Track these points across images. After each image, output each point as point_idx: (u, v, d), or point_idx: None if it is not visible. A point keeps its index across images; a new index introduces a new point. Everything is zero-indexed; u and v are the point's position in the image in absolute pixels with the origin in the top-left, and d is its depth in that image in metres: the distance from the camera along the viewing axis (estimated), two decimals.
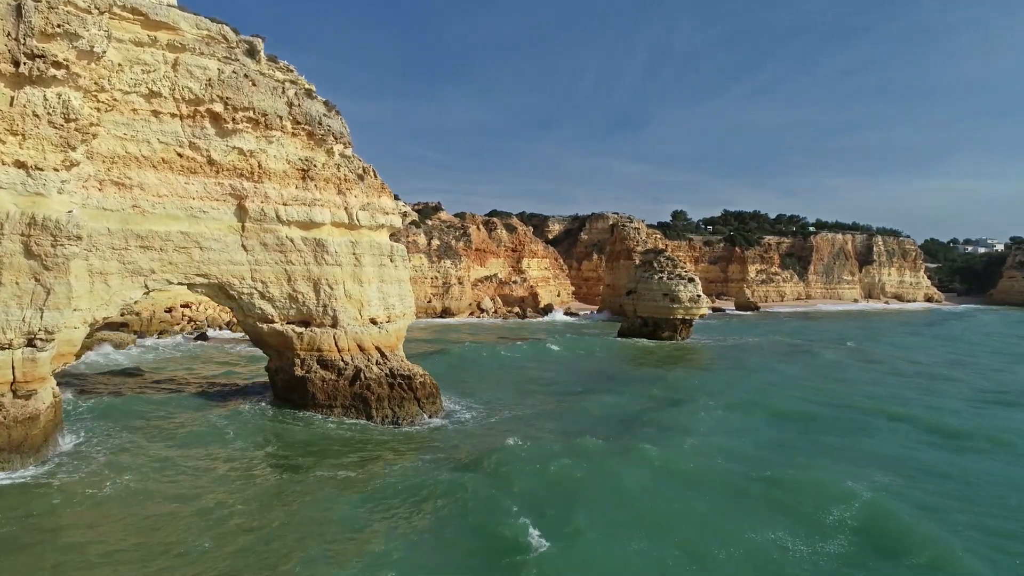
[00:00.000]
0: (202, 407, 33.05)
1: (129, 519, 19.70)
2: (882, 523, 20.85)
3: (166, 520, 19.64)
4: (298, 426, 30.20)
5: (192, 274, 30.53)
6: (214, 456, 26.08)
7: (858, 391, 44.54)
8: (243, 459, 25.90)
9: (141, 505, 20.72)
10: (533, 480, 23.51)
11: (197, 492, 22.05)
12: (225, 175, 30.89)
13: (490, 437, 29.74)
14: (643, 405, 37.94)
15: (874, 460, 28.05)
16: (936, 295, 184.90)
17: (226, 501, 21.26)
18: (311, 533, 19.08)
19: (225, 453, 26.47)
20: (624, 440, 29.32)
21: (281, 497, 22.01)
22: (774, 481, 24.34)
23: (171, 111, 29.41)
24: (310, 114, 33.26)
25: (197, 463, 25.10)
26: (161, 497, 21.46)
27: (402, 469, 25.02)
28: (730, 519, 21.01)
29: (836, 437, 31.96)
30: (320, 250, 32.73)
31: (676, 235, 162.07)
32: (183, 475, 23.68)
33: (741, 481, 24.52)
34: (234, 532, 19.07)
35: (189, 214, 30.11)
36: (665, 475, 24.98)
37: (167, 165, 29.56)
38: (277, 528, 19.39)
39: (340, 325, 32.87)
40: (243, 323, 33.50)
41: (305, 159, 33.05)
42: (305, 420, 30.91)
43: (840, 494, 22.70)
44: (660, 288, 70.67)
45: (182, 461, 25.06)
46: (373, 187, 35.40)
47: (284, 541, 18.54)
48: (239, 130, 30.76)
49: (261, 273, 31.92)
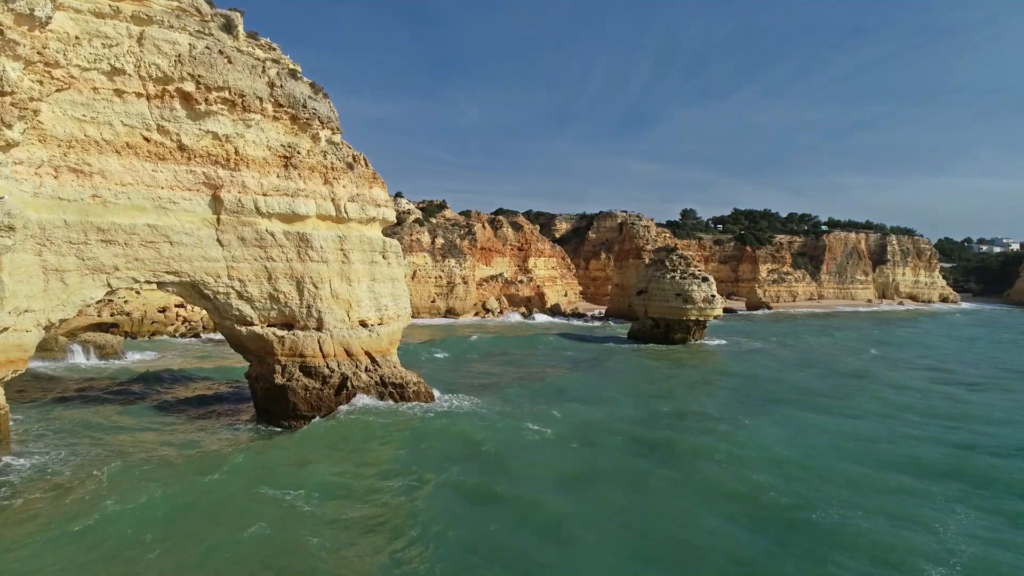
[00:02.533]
0: (167, 424, 29.97)
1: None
2: None
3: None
4: (270, 444, 27.03)
5: (161, 271, 27.58)
6: (154, 478, 22.81)
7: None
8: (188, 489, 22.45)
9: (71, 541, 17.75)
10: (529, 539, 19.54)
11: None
12: (198, 162, 27.91)
13: (484, 453, 26.67)
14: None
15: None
16: (951, 295, 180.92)
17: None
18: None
19: (172, 480, 23.09)
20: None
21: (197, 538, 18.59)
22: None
23: (136, 90, 26.48)
24: (293, 96, 30.27)
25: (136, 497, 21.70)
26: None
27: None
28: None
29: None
30: (304, 245, 29.72)
31: (686, 234, 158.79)
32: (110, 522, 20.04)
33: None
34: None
35: (157, 205, 27.15)
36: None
37: (132, 150, 26.61)
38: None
39: (326, 328, 29.84)
40: (220, 326, 30.51)
41: (288, 145, 30.06)
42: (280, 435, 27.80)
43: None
44: (672, 288, 67.38)
45: (114, 502, 21.39)
46: (364, 177, 32.37)
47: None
48: (213, 112, 27.79)
49: (238, 270, 28.94)
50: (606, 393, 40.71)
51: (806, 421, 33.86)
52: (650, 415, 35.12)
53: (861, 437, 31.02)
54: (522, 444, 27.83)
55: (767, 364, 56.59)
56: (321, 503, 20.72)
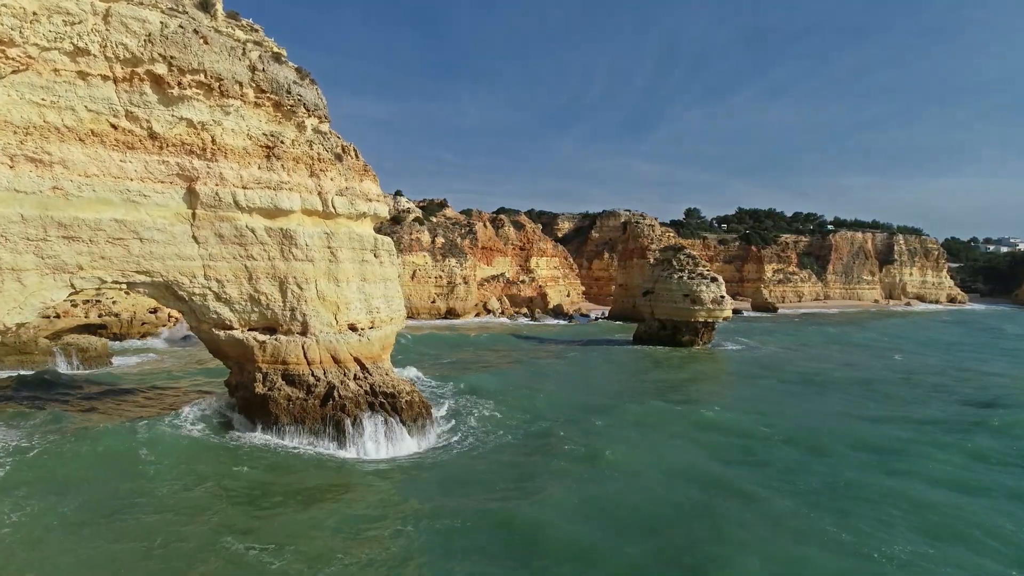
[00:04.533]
0: (132, 431, 27.62)
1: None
2: None
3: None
4: (245, 459, 24.63)
5: (131, 271, 25.25)
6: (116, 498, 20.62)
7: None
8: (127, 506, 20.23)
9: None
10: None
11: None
12: (171, 151, 25.57)
13: (482, 479, 23.95)
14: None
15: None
16: (959, 296, 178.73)
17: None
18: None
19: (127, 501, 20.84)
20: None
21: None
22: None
23: (102, 72, 24.11)
24: (277, 81, 27.92)
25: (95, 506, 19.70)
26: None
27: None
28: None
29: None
30: (288, 242, 27.37)
31: (690, 233, 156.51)
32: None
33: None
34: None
35: (126, 198, 24.80)
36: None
37: (97, 138, 24.27)
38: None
39: (311, 332, 27.48)
40: (197, 330, 28.19)
41: (270, 134, 27.72)
42: (258, 449, 25.41)
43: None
44: (680, 288, 64.98)
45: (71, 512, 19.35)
46: (354, 169, 30.02)
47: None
48: (187, 97, 25.43)
49: (216, 270, 26.61)
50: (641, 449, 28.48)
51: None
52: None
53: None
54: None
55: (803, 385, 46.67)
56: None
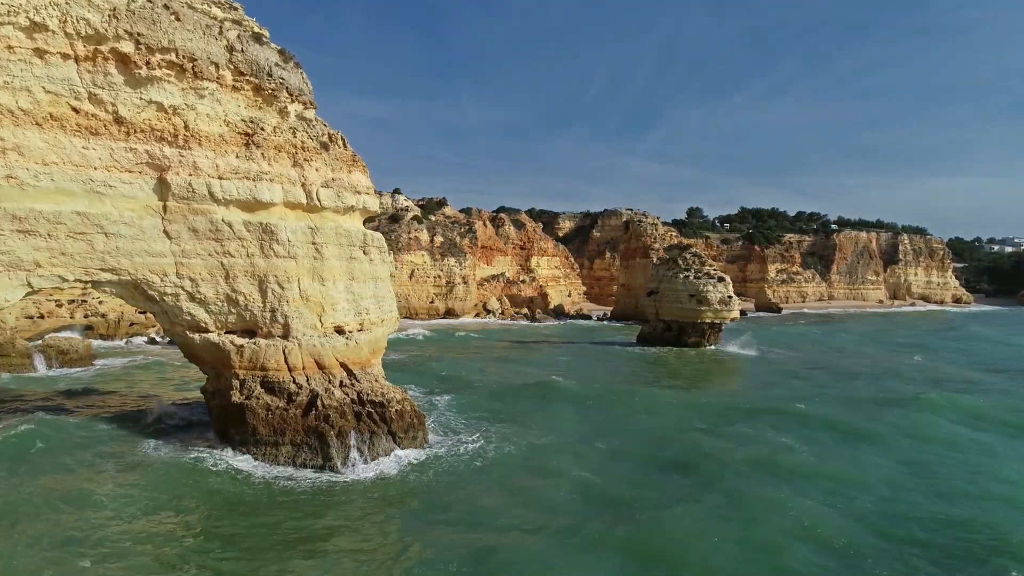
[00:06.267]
0: (90, 442, 25.49)
1: None
2: None
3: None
4: (212, 477, 22.40)
5: (95, 268, 23.06)
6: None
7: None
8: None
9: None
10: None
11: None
12: (139, 138, 23.38)
13: (477, 506, 21.34)
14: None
15: None
16: (965, 296, 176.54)
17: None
18: None
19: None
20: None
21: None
22: None
23: (62, 50, 21.93)
24: (257, 63, 25.74)
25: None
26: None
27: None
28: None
29: None
30: (268, 238, 25.18)
31: (692, 232, 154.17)
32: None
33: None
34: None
35: (89, 189, 22.60)
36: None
37: (57, 123, 22.07)
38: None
39: (293, 335, 25.28)
40: (170, 332, 26.04)
41: (250, 120, 25.53)
42: (231, 467, 23.21)
43: None
44: (686, 288, 62.79)
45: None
46: (341, 159, 27.83)
47: None
48: (157, 78, 23.24)
49: (190, 267, 24.42)
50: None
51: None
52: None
53: None
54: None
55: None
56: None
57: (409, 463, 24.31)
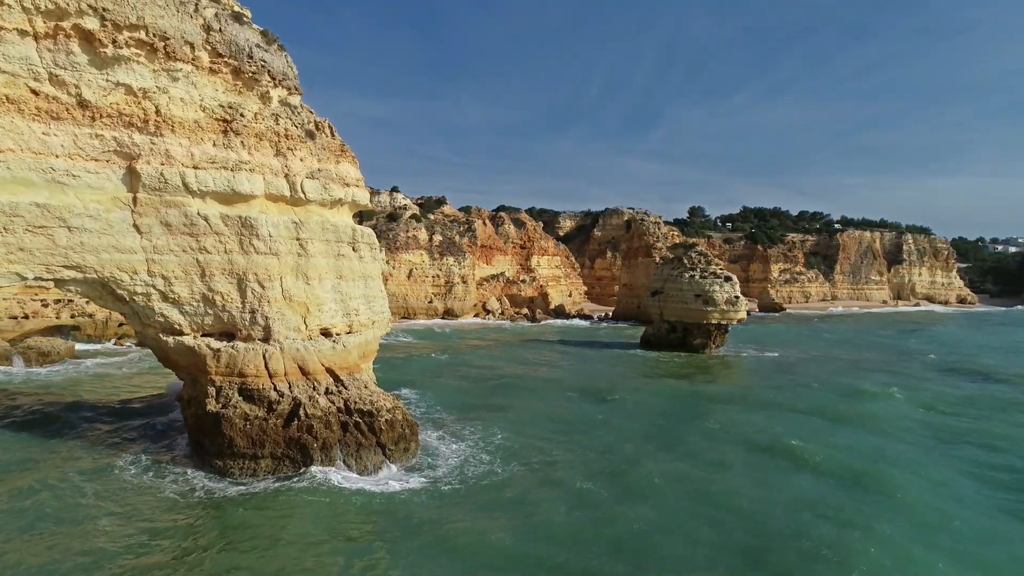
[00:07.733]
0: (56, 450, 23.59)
1: None
2: None
3: None
4: (176, 496, 20.43)
5: (57, 265, 21.13)
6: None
7: None
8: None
9: None
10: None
11: None
12: (105, 123, 21.43)
13: (472, 528, 19.16)
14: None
15: None
16: (969, 296, 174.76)
17: None
18: None
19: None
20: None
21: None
22: None
23: (19, 26, 19.98)
24: (236, 43, 23.80)
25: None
26: None
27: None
28: None
29: None
30: (248, 233, 23.24)
31: (694, 232, 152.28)
32: None
33: None
34: None
35: (50, 179, 20.66)
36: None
37: (14, 106, 20.12)
38: None
39: (274, 339, 23.33)
40: (142, 335, 24.09)
41: (228, 105, 23.59)
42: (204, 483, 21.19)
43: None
44: (692, 288, 60.82)
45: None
46: (328, 149, 25.90)
47: None
48: (125, 58, 21.30)
49: (162, 265, 22.48)
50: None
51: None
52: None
53: None
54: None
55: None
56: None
57: (400, 478, 22.19)
